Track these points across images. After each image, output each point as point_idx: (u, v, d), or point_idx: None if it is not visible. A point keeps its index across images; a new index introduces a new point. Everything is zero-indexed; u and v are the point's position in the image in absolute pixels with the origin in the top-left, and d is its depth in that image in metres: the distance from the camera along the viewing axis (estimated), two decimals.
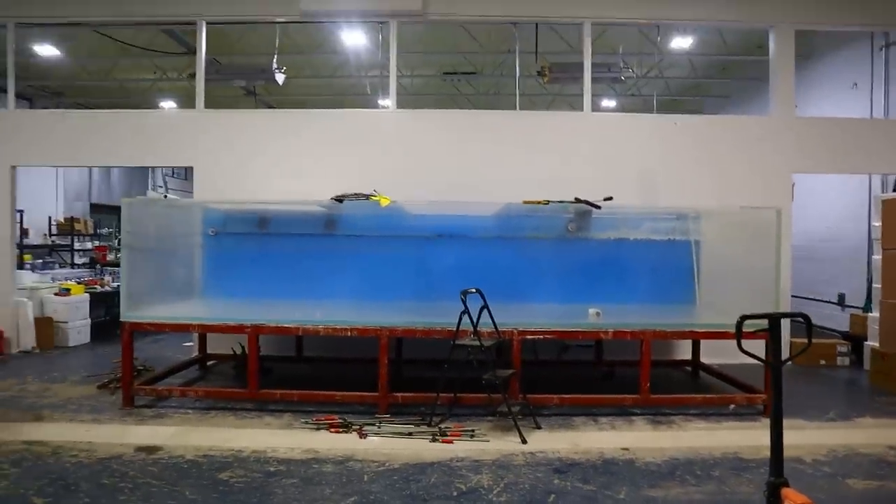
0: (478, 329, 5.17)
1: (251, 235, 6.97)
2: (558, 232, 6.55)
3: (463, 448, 4.72)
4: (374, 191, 6.28)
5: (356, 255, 6.41)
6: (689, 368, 7.45)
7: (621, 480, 4.12)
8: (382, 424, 5.19)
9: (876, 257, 7.55)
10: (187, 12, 8.44)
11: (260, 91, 12.89)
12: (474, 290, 5.15)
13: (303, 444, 4.76)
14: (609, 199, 6.32)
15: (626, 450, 4.74)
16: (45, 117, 8.89)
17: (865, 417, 5.77)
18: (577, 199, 6.26)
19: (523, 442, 4.84)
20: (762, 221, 6.27)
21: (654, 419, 5.57)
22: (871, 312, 7.69)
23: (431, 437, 4.93)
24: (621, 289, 6.55)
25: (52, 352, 8.61)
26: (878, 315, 7.30)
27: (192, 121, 8.43)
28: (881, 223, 7.29)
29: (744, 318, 3.14)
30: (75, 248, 13.44)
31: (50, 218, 14.09)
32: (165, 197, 14.28)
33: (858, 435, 5.23)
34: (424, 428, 5.11)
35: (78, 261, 13.18)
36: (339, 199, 6.07)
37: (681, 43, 11.09)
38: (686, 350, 7.58)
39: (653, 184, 8.01)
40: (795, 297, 10.82)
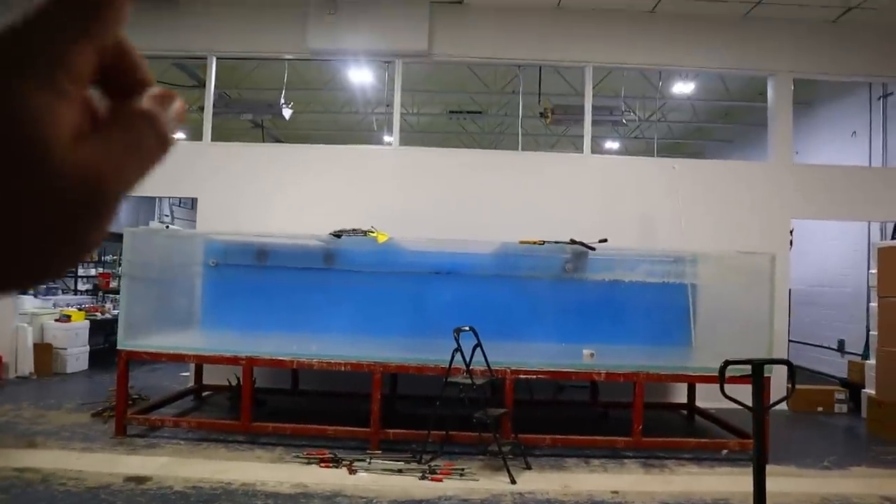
0: (470, 367, 5.19)
1: (250, 267, 7.05)
2: (554, 272, 6.60)
3: (452, 486, 4.71)
4: (372, 227, 6.36)
5: (353, 290, 6.47)
6: (685, 412, 7.42)
7: None
8: (373, 460, 5.18)
9: (873, 305, 7.56)
10: (199, 48, 8.65)
11: (267, 124, 13.09)
12: (468, 328, 5.18)
13: (292, 479, 4.76)
14: (604, 240, 6.39)
15: (615, 493, 4.72)
16: None
17: (861, 466, 5.73)
18: (573, 241, 6.33)
19: (512, 482, 4.83)
20: (758, 266, 6.31)
21: (647, 462, 5.54)
22: (869, 360, 7.67)
23: (421, 474, 4.92)
24: (617, 330, 6.58)
25: (50, 378, 8.64)
26: (875, 363, 7.28)
27: (198, 153, 8.57)
28: (877, 271, 7.32)
29: (727, 364, 3.18)
30: (79, 274, 13.54)
31: None
32: (168, 227, 14.44)
33: (852, 484, 5.19)
34: (414, 465, 5.11)
35: (81, 287, 13.27)
36: (337, 234, 6.16)
37: (682, 88, 11.26)
38: (682, 393, 7.56)
39: (651, 226, 8.08)
40: (795, 342, 10.80)
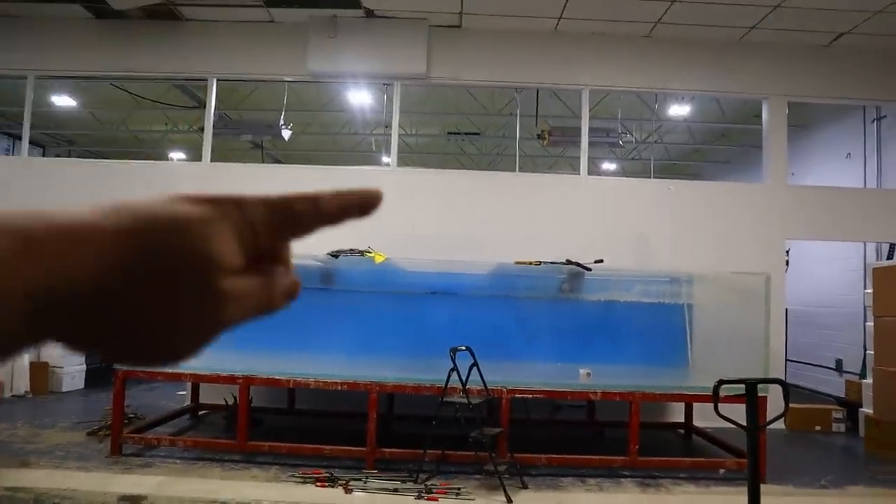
0: (467, 387, 5.20)
1: None
2: (550, 292, 6.63)
3: None
4: (370, 247, 6.40)
5: (350, 310, 6.49)
6: (682, 431, 7.41)
7: None
8: (369, 480, 5.17)
9: (870, 324, 7.58)
10: (199, 69, 8.75)
11: (267, 145, 13.18)
12: (464, 348, 5.20)
13: (287, 498, 4.75)
14: (600, 261, 6.42)
15: None
16: (55, 165, 9.14)
17: (858, 486, 5.72)
18: (569, 261, 6.36)
19: (508, 501, 4.82)
20: (753, 286, 6.35)
21: (643, 482, 5.53)
22: (867, 379, 7.68)
23: (417, 494, 4.91)
24: (613, 350, 6.58)
25: (46, 397, 8.62)
26: (872, 382, 7.29)
27: (198, 173, 8.65)
28: (873, 291, 7.36)
29: (720, 383, 3.20)
30: None
31: None
32: None
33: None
34: (411, 484, 5.10)
35: None
36: (334, 254, 6.19)
37: (678, 111, 11.38)
38: (679, 412, 7.55)
39: (647, 247, 8.12)
40: (794, 361, 10.81)
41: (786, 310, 8.79)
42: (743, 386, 3.20)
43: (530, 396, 5.74)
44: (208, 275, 0.34)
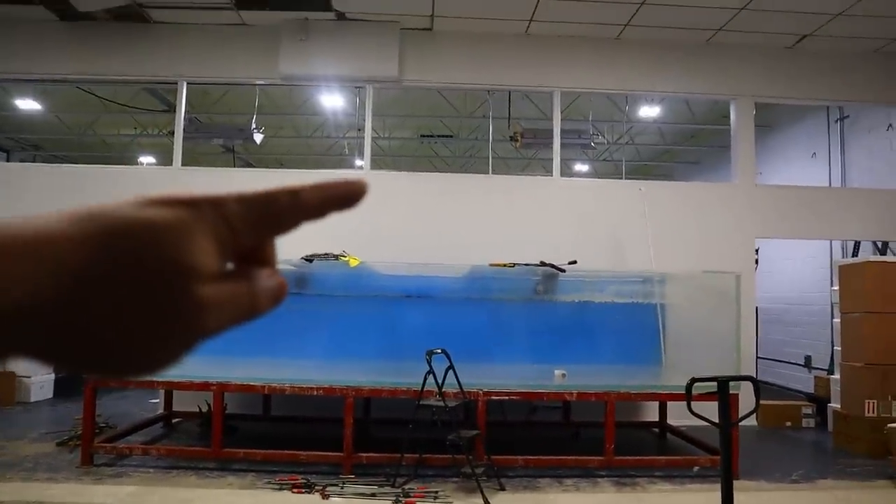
0: (443, 389, 5.20)
1: None
2: (525, 294, 6.65)
3: None
4: (344, 251, 6.37)
5: (325, 314, 6.45)
6: (656, 430, 7.49)
7: None
8: (346, 485, 5.14)
9: (836, 321, 7.74)
10: (168, 73, 8.62)
11: (239, 149, 13.04)
12: (440, 351, 5.20)
13: None
14: (573, 262, 6.47)
15: None
16: (18, 171, 8.95)
17: (827, 479, 5.83)
18: (543, 263, 6.40)
19: None
20: (724, 285, 6.45)
21: (619, 481, 5.58)
22: (834, 374, 7.84)
23: (395, 498, 4.89)
24: (588, 350, 6.63)
25: (13, 407, 8.43)
26: (839, 377, 7.44)
27: (169, 178, 8.53)
28: (839, 288, 7.51)
29: (693, 382, 3.25)
30: None
31: None
32: None
33: (820, 497, 5.28)
34: (388, 489, 5.08)
35: None
36: (308, 258, 6.15)
37: (649, 112, 11.52)
38: (653, 411, 7.63)
39: (620, 247, 8.20)
40: (764, 358, 10.99)
41: (756, 308, 8.94)
42: (715, 384, 3.25)
43: (506, 398, 5.76)
44: (185, 282, 0.33)
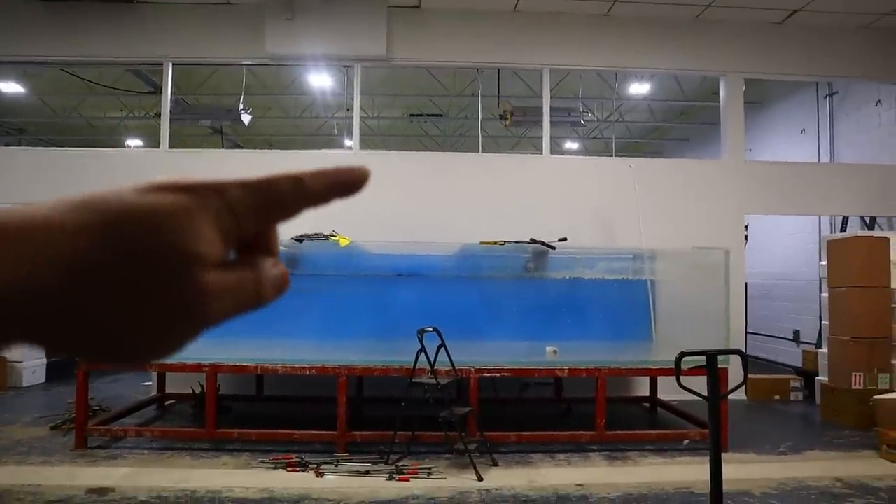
0: (435, 367, 5.23)
1: None
2: (515, 271, 6.68)
3: (419, 486, 4.75)
4: (334, 231, 6.36)
5: (316, 294, 6.45)
6: (647, 404, 7.57)
7: None
8: (340, 463, 5.18)
9: (824, 295, 7.81)
10: (154, 53, 8.52)
11: (227, 130, 12.96)
12: (431, 329, 5.22)
13: (258, 484, 4.74)
14: (563, 239, 6.49)
15: (580, 486, 4.80)
16: (3, 154, 8.85)
17: (814, 450, 5.92)
18: (533, 240, 6.41)
19: (479, 479, 4.88)
20: (714, 261, 6.49)
21: (610, 455, 5.64)
22: (822, 348, 7.93)
23: (388, 475, 4.94)
24: (579, 327, 6.67)
25: (5, 392, 8.42)
26: (826, 351, 7.53)
27: (155, 160, 8.46)
28: (827, 263, 7.57)
29: (682, 355, 3.28)
30: None
31: None
32: None
33: (807, 468, 5.37)
34: (382, 466, 5.12)
35: None
36: (298, 238, 6.14)
37: (638, 89, 11.50)
38: (644, 386, 7.71)
39: (610, 224, 8.23)
40: (754, 333, 11.10)
41: (745, 284, 9.01)
42: (704, 358, 3.28)
43: (498, 375, 5.80)
44: (188, 270, 0.32)
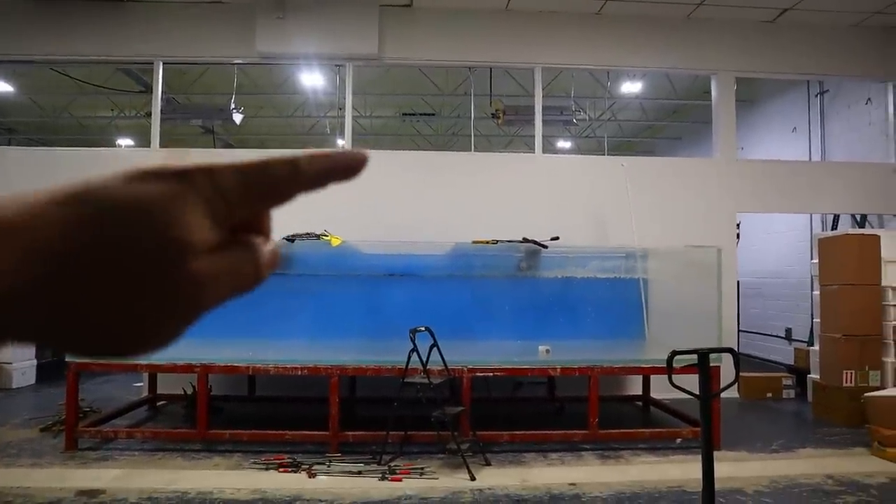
0: (427, 367, 5.22)
1: None
2: (508, 271, 6.67)
3: (412, 486, 4.73)
4: (325, 230, 6.34)
5: (308, 294, 6.43)
6: (640, 403, 7.57)
7: None
8: (332, 463, 5.16)
9: (815, 293, 7.84)
10: (144, 52, 8.47)
11: (219, 130, 12.92)
12: (423, 329, 5.21)
13: (250, 485, 4.71)
14: (555, 238, 6.49)
15: (573, 485, 4.80)
16: None
17: (806, 448, 5.94)
18: (525, 239, 6.41)
19: (472, 479, 4.87)
20: (706, 259, 6.50)
21: (603, 454, 5.64)
22: (814, 346, 7.95)
23: (381, 475, 4.92)
24: (571, 326, 6.67)
25: None
26: (818, 349, 7.55)
27: (147, 160, 8.39)
28: (818, 260, 7.59)
29: (674, 354, 3.27)
30: None
31: None
32: None
33: (799, 465, 5.38)
34: (374, 466, 5.11)
35: None
36: (290, 238, 6.12)
37: (631, 88, 11.51)
38: (637, 385, 7.71)
39: (603, 223, 8.23)
40: (746, 331, 11.14)
41: (738, 282, 9.03)
42: (696, 356, 3.27)
43: (491, 374, 5.79)
44: (178, 258, 0.32)
